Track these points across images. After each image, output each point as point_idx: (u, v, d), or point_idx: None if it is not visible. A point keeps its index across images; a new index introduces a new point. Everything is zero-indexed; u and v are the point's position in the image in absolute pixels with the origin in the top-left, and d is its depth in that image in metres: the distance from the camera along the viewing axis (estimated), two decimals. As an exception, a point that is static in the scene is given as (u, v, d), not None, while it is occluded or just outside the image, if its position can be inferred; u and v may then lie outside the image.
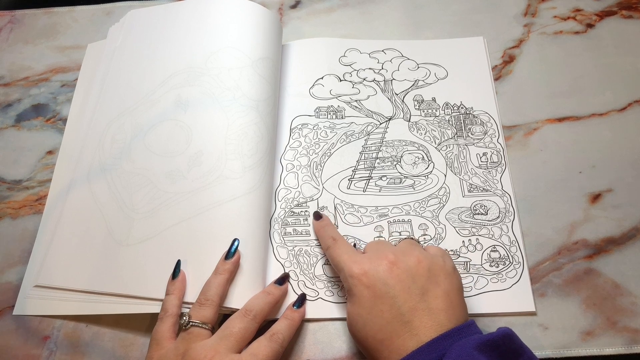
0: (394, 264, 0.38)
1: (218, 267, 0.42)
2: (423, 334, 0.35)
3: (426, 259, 0.38)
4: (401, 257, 0.38)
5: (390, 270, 0.37)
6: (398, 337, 0.35)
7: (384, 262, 0.38)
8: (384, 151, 0.52)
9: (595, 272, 0.45)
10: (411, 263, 0.38)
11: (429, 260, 0.38)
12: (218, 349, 0.37)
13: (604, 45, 0.58)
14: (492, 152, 0.51)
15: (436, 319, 0.35)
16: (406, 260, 0.38)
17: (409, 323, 0.35)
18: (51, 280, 0.45)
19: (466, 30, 0.60)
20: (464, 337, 0.34)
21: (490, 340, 0.33)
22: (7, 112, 0.58)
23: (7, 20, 0.65)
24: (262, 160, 0.49)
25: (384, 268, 0.37)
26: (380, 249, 0.40)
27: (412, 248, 0.40)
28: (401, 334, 0.35)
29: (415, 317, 0.35)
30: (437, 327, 0.35)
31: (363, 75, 0.57)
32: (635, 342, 0.42)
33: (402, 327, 0.35)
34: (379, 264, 0.38)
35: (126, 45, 0.56)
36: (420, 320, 0.35)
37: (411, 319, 0.35)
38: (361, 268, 0.38)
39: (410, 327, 0.35)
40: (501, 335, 0.34)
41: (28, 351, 0.44)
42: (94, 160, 0.50)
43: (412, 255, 0.39)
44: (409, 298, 0.36)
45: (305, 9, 0.63)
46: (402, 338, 0.35)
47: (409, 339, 0.35)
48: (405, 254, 0.39)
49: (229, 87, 0.51)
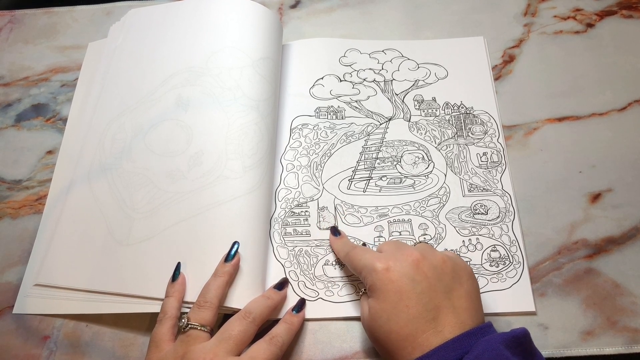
0: (420, 261, 0.38)
1: (218, 270, 0.42)
2: (448, 331, 0.35)
3: (450, 259, 0.39)
4: (426, 255, 0.38)
5: (417, 266, 0.37)
6: (423, 333, 0.35)
7: (409, 259, 0.38)
8: (384, 151, 0.52)
9: (595, 271, 0.45)
10: (436, 262, 0.38)
11: (452, 260, 0.39)
12: (217, 351, 0.37)
13: (604, 45, 0.58)
14: (492, 152, 0.51)
15: (460, 318, 0.36)
16: (431, 259, 0.38)
17: (434, 320, 0.35)
18: (51, 279, 0.45)
19: (466, 30, 0.60)
20: (486, 335, 0.35)
21: (515, 337, 0.34)
22: (7, 112, 0.58)
23: (7, 20, 0.65)
24: (263, 160, 0.49)
25: (410, 264, 0.37)
26: (401, 247, 0.40)
27: (432, 248, 0.40)
28: (426, 330, 0.35)
29: (440, 315, 0.36)
30: (461, 325, 0.35)
31: (363, 76, 0.57)
32: (635, 342, 0.42)
33: (427, 324, 0.35)
34: (405, 260, 0.38)
35: (127, 45, 0.56)
36: (445, 317, 0.36)
37: (436, 316, 0.36)
38: (386, 263, 0.38)
39: (436, 324, 0.35)
40: (523, 334, 0.35)
41: (28, 351, 0.44)
42: (94, 160, 0.50)
43: (436, 255, 0.39)
44: (435, 295, 0.36)
45: (305, 9, 0.63)
46: (426, 334, 0.35)
47: (433, 335, 0.35)
48: (429, 253, 0.39)
49: (230, 87, 0.51)
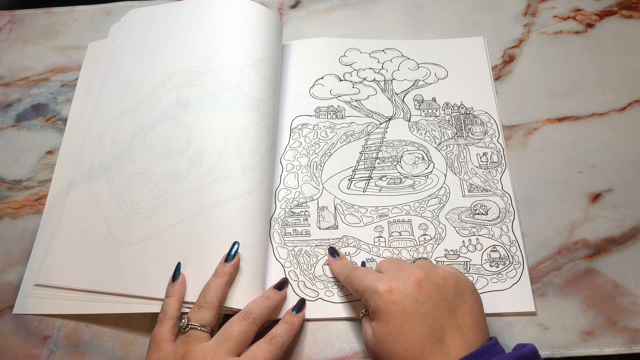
0: (422, 280, 0.37)
1: (218, 270, 0.42)
2: (455, 352, 0.35)
3: (452, 276, 0.38)
4: (428, 273, 0.37)
5: (420, 286, 0.36)
6: (429, 355, 0.35)
7: (411, 279, 0.37)
8: (384, 151, 0.52)
9: (595, 272, 0.45)
10: (438, 279, 0.37)
11: (454, 276, 0.38)
12: (217, 351, 0.37)
13: (604, 45, 0.58)
14: (492, 152, 0.51)
15: (466, 337, 0.35)
16: (433, 277, 0.37)
17: (440, 341, 0.35)
18: (51, 280, 0.45)
19: (466, 30, 0.60)
20: (492, 355, 0.34)
21: (524, 358, 0.34)
22: (7, 112, 0.58)
23: (7, 20, 0.65)
24: (262, 160, 0.49)
25: (413, 284, 0.36)
26: (402, 266, 0.39)
27: (433, 265, 0.40)
28: (432, 352, 0.35)
29: (446, 335, 0.35)
30: (467, 345, 0.35)
31: (363, 75, 0.57)
32: (635, 342, 0.42)
33: (434, 345, 0.35)
34: (407, 280, 0.37)
35: (127, 45, 0.56)
36: (451, 337, 0.35)
37: (442, 336, 0.35)
38: (388, 284, 0.37)
39: (442, 345, 0.35)
40: (531, 353, 0.34)
41: (28, 351, 0.44)
42: (94, 160, 0.50)
43: (438, 272, 0.38)
44: (440, 315, 0.36)
45: (305, 9, 0.63)
46: (433, 356, 0.34)
47: (440, 357, 0.34)
48: (431, 271, 0.38)
49: (230, 87, 0.51)
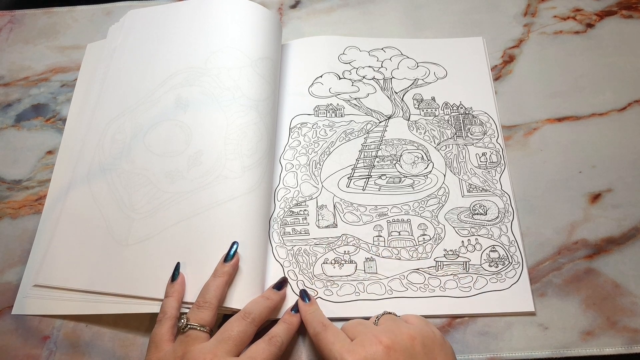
0: (390, 348, 0.35)
1: (217, 270, 0.42)
2: None
3: (417, 334, 0.37)
4: (394, 338, 0.36)
5: (388, 355, 0.35)
6: None
7: (379, 348, 0.35)
8: (383, 150, 0.52)
9: (595, 272, 0.45)
10: (406, 343, 0.36)
11: (420, 334, 0.37)
12: (216, 352, 0.37)
13: (604, 45, 0.58)
14: (491, 152, 0.51)
15: None
16: (400, 341, 0.36)
17: None
18: (50, 280, 0.45)
19: (466, 30, 0.60)
20: None
21: None
22: (7, 112, 0.58)
23: (7, 20, 0.65)
24: (262, 160, 0.49)
25: (381, 354, 0.35)
26: (367, 332, 0.37)
27: (398, 325, 0.38)
28: None
29: None
30: None
31: (362, 73, 0.57)
32: (635, 342, 0.42)
33: None
34: (375, 351, 0.35)
35: (126, 45, 0.56)
36: None
37: None
38: (356, 356, 0.35)
39: None
40: None
41: (28, 351, 0.44)
42: (93, 160, 0.50)
43: (403, 334, 0.37)
44: None
45: (305, 9, 0.63)
46: None
47: None
48: (396, 334, 0.37)
49: (229, 87, 0.51)
